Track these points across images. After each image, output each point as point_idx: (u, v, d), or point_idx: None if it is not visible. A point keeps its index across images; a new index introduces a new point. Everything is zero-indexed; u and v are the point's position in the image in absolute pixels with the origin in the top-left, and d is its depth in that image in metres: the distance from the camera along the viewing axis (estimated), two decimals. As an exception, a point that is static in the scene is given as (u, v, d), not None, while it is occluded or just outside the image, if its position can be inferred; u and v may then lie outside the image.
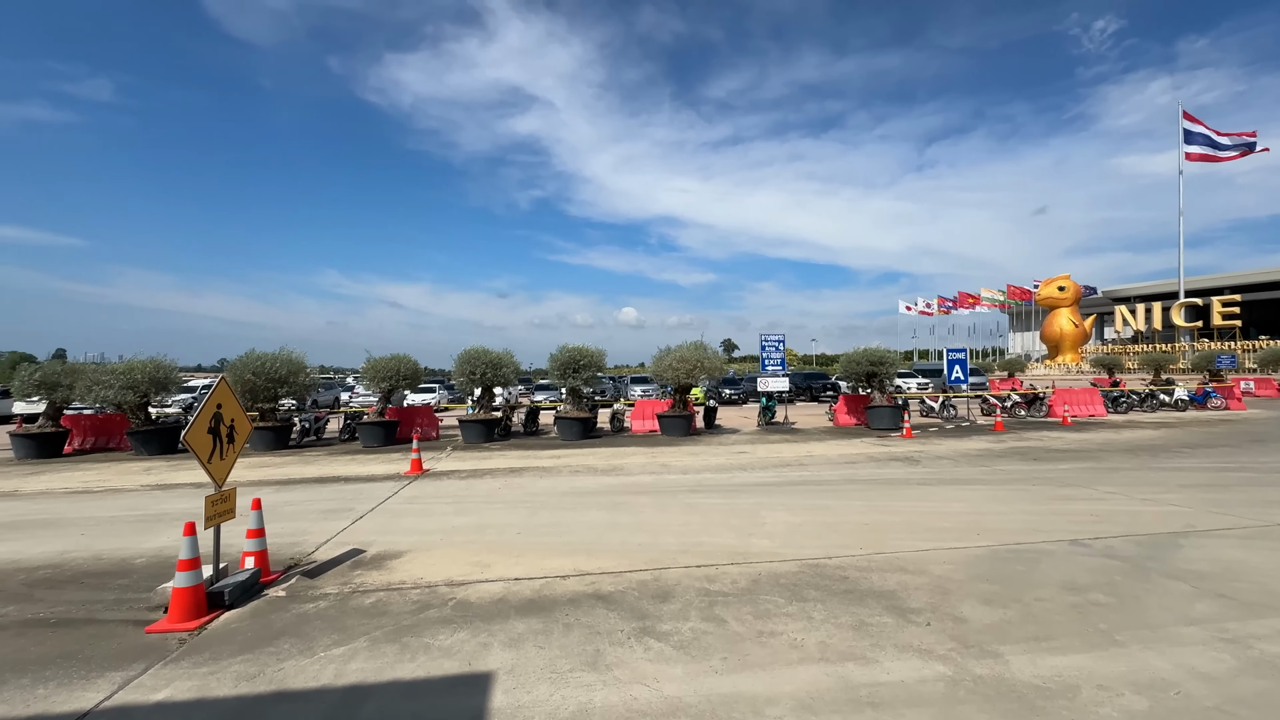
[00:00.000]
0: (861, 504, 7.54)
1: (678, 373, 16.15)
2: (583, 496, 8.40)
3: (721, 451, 12.87)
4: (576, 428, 16.03)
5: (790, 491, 8.44)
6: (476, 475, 10.40)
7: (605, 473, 10.39)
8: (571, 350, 16.43)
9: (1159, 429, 15.58)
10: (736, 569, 5.08)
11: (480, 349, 16.52)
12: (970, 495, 7.96)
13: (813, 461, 11.23)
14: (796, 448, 13.27)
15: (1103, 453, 11.66)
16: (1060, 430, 15.68)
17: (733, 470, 10.41)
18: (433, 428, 17.27)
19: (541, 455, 12.88)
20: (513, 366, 16.71)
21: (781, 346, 18.62)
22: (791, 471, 10.15)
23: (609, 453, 12.98)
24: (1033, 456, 11.31)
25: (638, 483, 9.39)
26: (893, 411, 16.98)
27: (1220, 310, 54.80)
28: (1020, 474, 9.52)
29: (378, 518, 7.36)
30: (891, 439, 14.57)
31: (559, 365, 16.36)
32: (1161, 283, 72.77)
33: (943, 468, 10.29)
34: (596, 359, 16.47)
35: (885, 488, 8.61)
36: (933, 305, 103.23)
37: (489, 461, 12.06)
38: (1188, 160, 58.33)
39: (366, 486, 9.53)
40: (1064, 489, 8.27)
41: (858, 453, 12.26)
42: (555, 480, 9.75)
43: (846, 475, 9.69)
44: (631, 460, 11.77)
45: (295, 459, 13.15)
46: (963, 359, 19.34)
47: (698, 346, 16.56)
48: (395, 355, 16.55)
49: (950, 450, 12.38)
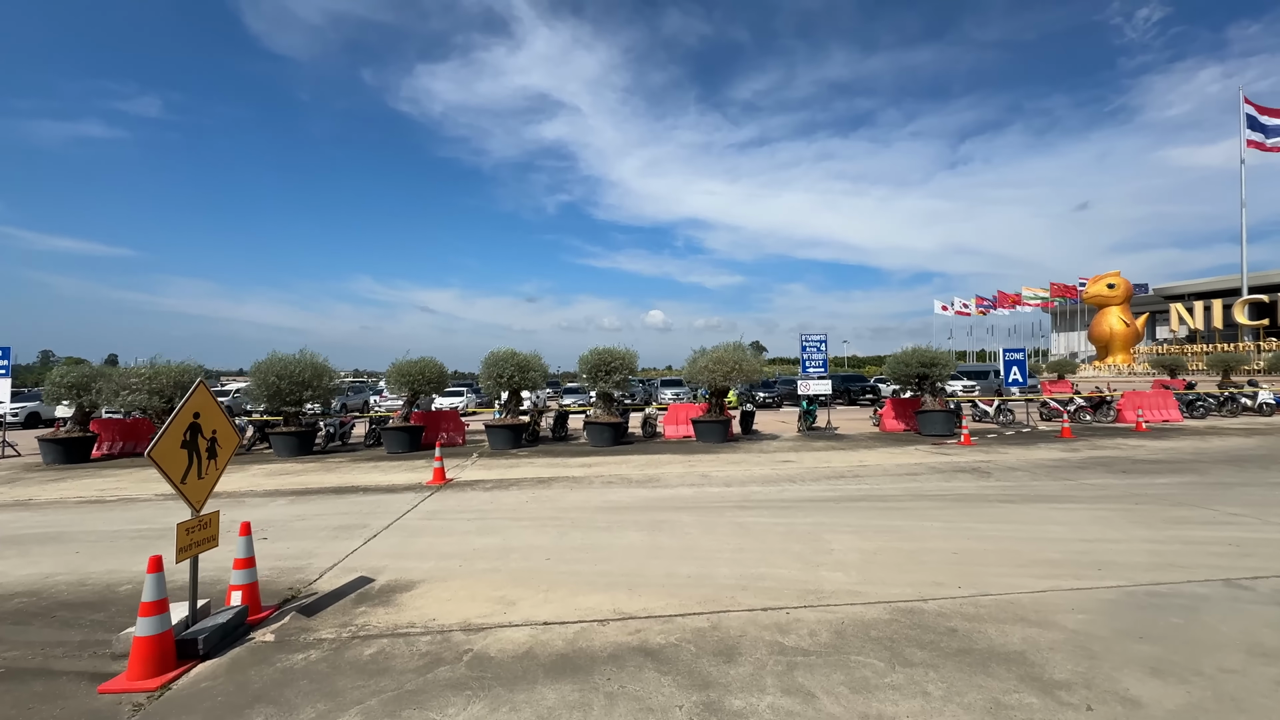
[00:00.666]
0: (940, 526, 6.52)
1: (714, 375, 15.22)
2: (618, 513, 7.56)
3: (764, 460, 11.89)
4: (607, 433, 15.22)
5: (851, 509, 7.44)
6: (502, 486, 9.66)
7: (641, 484, 9.53)
8: (601, 352, 15.65)
9: (1251, 436, 14.00)
10: (812, 615, 4.16)
11: (508, 351, 15.87)
12: (1067, 516, 6.85)
13: (868, 473, 10.18)
14: (846, 456, 12.20)
15: (1199, 464, 10.31)
16: (1137, 437, 14.22)
17: (781, 483, 9.44)
18: (459, 433, 16.69)
19: (571, 463, 12.10)
20: (541, 369, 16.01)
21: (824, 347, 17.51)
22: (847, 484, 9.14)
23: (643, 461, 12.13)
24: (1120, 468, 10.04)
25: (677, 496, 8.51)
26: (946, 417, 15.73)
27: (1290, 307, 51.12)
28: (1114, 490, 8.32)
29: (393, 536, 6.65)
30: (949, 447, 13.36)
31: (589, 368, 15.60)
32: (1219, 279, 68.59)
33: (1019, 481, 9.14)
34: (628, 361, 15.66)
35: (961, 505, 7.54)
36: (970, 305, 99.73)
37: (516, 470, 11.33)
38: (1249, 148, 54.77)
39: (385, 498, 8.87)
40: (1177, 509, 7.08)
41: (916, 462, 11.15)
42: (587, 493, 8.94)
43: (911, 489, 8.64)
44: (668, 470, 10.90)
45: (317, 465, 12.64)
46: (1021, 360, 17.92)
47: (736, 348, 15.60)
48: (420, 358, 16.03)
49: (1020, 460, 11.16)
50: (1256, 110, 53.85)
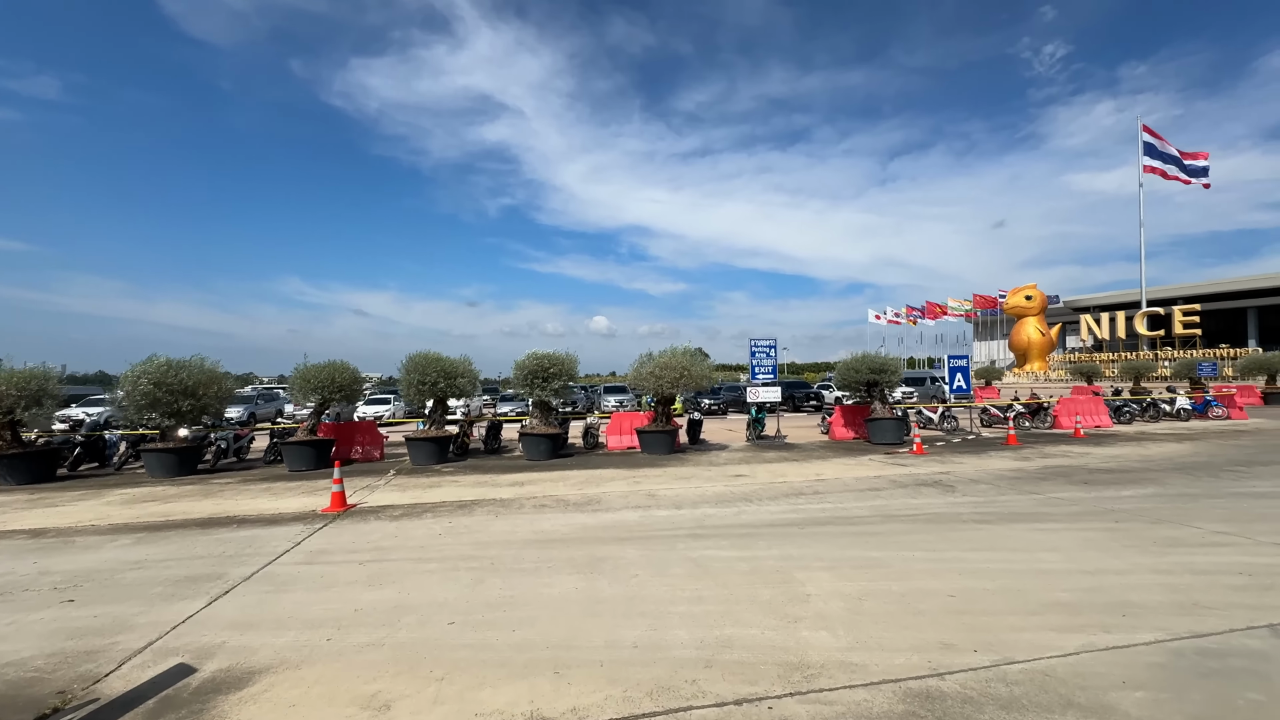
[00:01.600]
0: (924, 557, 5.65)
1: (660, 382, 14.17)
2: (550, 547, 6.29)
3: (716, 475, 10.90)
4: (544, 445, 13.86)
5: (820, 537, 6.50)
6: (414, 513, 8.16)
7: (579, 507, 8.29)
8: (539, 357, 14.30)
9: (1182, 442, 14.30)
10: (804, 710, 3.07)
11: (432, 354, 14.23)
12: (1054, 540, 6.16)
13: (827, 488, 9.36)
14: (801, 469, 11.41)
15: (1151, 472, 10.13)
16: (1080, 444, 14.25)
17: (736, 502, 8.44)
18: (376, 446, 14.85)
19: (501, 481, 10.69)
20: (470, 375, 14.47)
21: (774, 353, 16.84)
22: (808, 504, 8.24)
23: (583, 477, 10.87)
24: (1079, 479, 9.67)
25: (621, 523, 7.33)
26: (896, 424, 15.34)
27: (1181, 319, 55.87)
28: (1085, 505, 7.81)
29: (251, 592, 5.12)
30: (902, 456, 12.85)
31: (525, 374, 14.20)
32: (1120, 293, 74.62)
33: (986, 496, 8.53)
34: (568, 367, 14.37)
35: (937, 528, 6.75)
36: (901, 315, 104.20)
37: (435, 491, 9.81)
38: (1146, 173, 59.68)
39: (262, 534, 7.21)
40: (1160, 528, 6.55)
41: (874, 475, 10.46)
42: (515, 520, 7.60)
43: (878, 509, 7.83)
44: (611, 488, 9.70)
45: (195, 489, 10.65)
46: (965, 366, 17.90)
47: (684, 352, 14.63)
48: (329, 362, 14.13)
49: (979, 471, 10.68)
50: (1154, 138, 58.74)
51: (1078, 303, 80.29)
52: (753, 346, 16.74)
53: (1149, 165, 59.15)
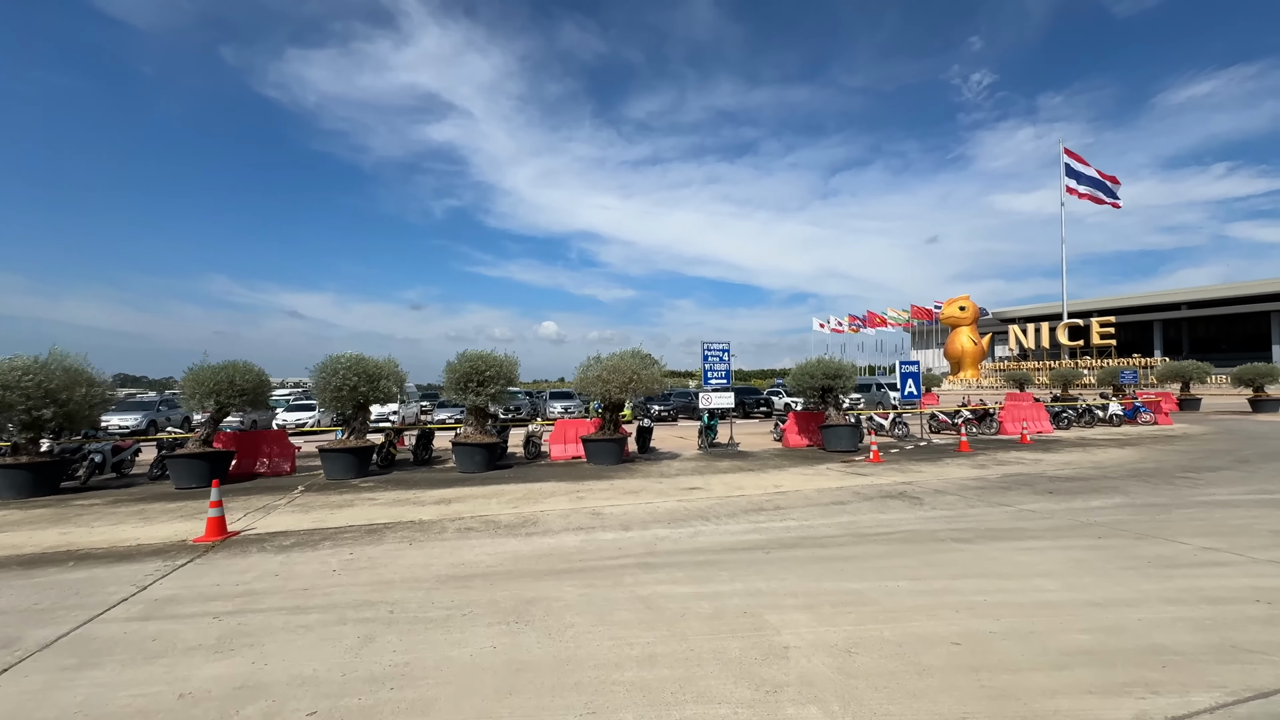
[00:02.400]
0: (910, 588, 4.86)
1: (608, 387, 13.14)
2: (468, 586, 5.14)
3: (667, 488, 9.96)
4: (479, 456, 12.56)
5: (789, 563, 5.64)
6: (310, 542, 6.79)
7: (511, 530, 7.14)
8: (473, 358, 12.99)
9: (1124, 447, 14.49)
10: None
11: (353, 356, 12.68)
12: (1042, 562, 5.53)
13: (789, 502, 8.59)
14: (759, 480, 10.63)
15: (1110, 480, 9.92)
16: (1029, 450, 14.19)
17: (691, 521, 7.51)
18: (286, 458, 13.11)
19: (426, 498, 9.37)
20: (396, 378, 12.98)
21: (727, 357, 16.14)
22: (771, 521, 7.40)
23: (519, 493, 9.70)
24: (1042, 489, 9.30)
25: (558, 550, 6.25)
26: (851, 431, 14.91)
27: (1098, 330, 59.65)
28: (1060, 519, 7.32)
29: (42, 668, 3.74)
30: (860, 464, 12.33)
31: (457, 377, 12.86)
32: (1043, 305, 79.47)
33: (955, 509, 7.95)
34: (506, 370, 13.13)
35: (915, 550, 6.03)
36: (844, 323, 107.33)
37: (344, 513, 8.41)
38: (1068, 194, 63.64)
39: (104, 574, 5.71)
40: (1145, 544, 6.06)
41: (836, 486, 9.79)
42: (432, 549, 6.39)
43: (847, 527, 7.07)
44: (550, 506, 8.58)
45: (48, 513, 8.80)
46: (916, 372, 17.78)
47: (634, 356, 13.67)
48: (229, 362, 12.33)
49: (941, 480, 10.21)
50: (1075, 160, 62.70)
51: (1005, 314, 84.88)
52: (705, 350, 15.99)
53: (1070, 186, 63.09)
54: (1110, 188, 62.99)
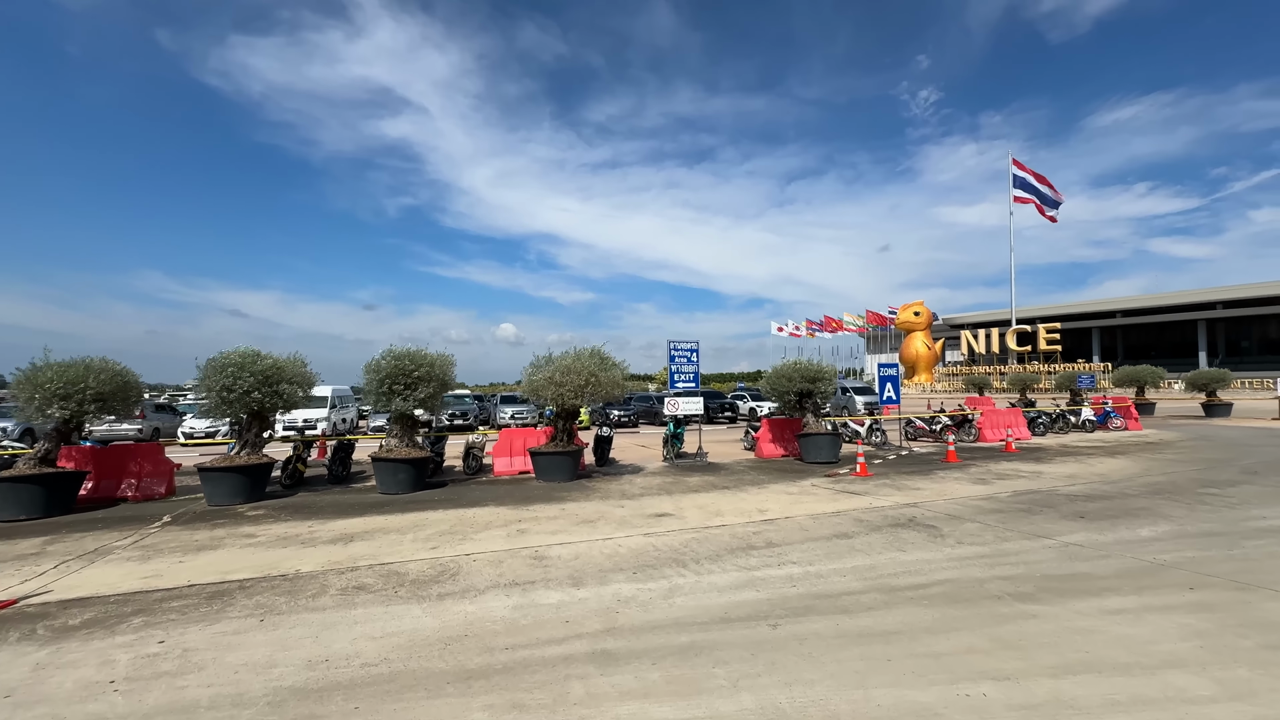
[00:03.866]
0: (1000, 694, 3.23)
1: (562, 391, 11.25)
2: (323, 701, 3.21)
3: (631, 515, 8.16)
4: (404, 475, 10.45)
5: (810, 647, 3.93)
6: (110, 620, 4.65)
7: (418, 589, 5.19)
8: (400, 356, 10.87)
9: (1115, 456, 13.58)
10: None
11: (245, 351, 10.36)
12: (1151, 637, 4.02)
13: (782, 536, 6.92)
14: (738, 501, 8.96)
15: (1132, 499, 8.72)
16: (1020, 460, 13.09)
17: (664, 567, 5.73)
18: (160, 478, 10.64)
19: (321, 534, 7.27)
20: (302, 380, 10.73)
21: (695, 358, 14.49)
22: (766, 566, 5.71)
23: (446, 523, 7.71)
24: (1069, 511, 7.98)
25: (478, 627, 4.36)
26: (832, 440, 13.48)
27: (1045, 336, 61.42)
28: (1122, 558, 5.91)
29: None
30: (847, 479, 10.86)
31: (380, 379, 10.72)
32: (991, 312, 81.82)
33: (986, 543, 6.46)
34: (440, 370, 11.06)
35: (969, 616, 4.43)
36: (801, 328, 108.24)
37: (197, 561, 6.24)
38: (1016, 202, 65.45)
39: None
40: (1259, 599, 4.66)
41: (832, 511, 8.21)
42: (290, 629, 4.38)
43: (865, 575, 5.44)
44: (480, 546, 6.64)
45: None
46: (895, 375, 16.63)
47: (592, 356, 11.81)
48: (82, 359, 9.83)
49: (948, 501, 8.78)
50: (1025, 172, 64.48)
51: (954, 320, 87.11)
52: (672, 349, 14.29)
53: (1018, 195, 64.89)
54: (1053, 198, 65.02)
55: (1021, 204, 64.81)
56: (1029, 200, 64.28)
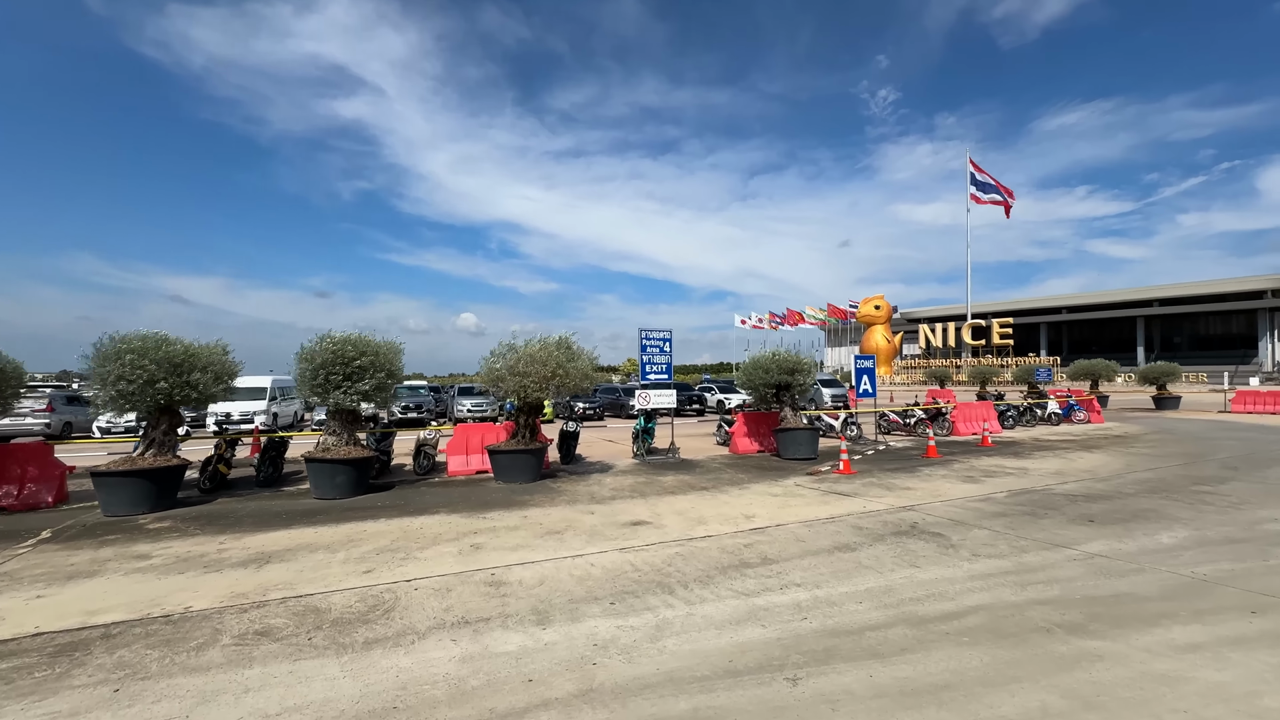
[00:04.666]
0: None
1: (525, 382, 10.17)
2: None
3: (602, 523, 7.19)
4: (343, 477, 9.20)
5: (846, 713, 3.07)
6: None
7: (340, 634, 4.10)
8: (339, 343, 9.56)
9: (1092, 450, 13.40)
10: None
11: (149, 335, 8.87)
12: (1253, 686, 3.32)
13: (777, 549, 6.09)
14: (720, 505, 8.11)
15: (1129, 497, 8.30)
16: (1000, 455, 12.73)
17: (648, 595, 4.80)
18: (47, 484, 9.07)
19: (230, 554, 6.04)
20: (221, 370, 9.30)
21: (668, 347, 13.59)
22: (768, 591, 4.84)
23: (388, 537, 6.57)
24: (1074, 514, 7.44)
25: (412, 691, 3.32)
26: (811, 435, 12.83)
27: (998, 331, 63.25)
28: (1158, 571, 5.30)
29: None
30: (830, 477, 10.18)
31: (314, 369, 9.40)
32: (947, 307, 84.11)
33: (1002, 554, 5.79)
34: (385, 359, 9.80)
35: (1026, 659, 3.67)
36: (764, 320, 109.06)
37: (62, 594, 4.95)
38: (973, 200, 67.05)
39: None
40: (1325, 623, 4.06)
41: (825, 516, 7.45)
42: (151, 710, 3.24)
43: (882, 599, 4.65)
44: (424, 569, 5.55)
45: None
46: (871, 368, 16.12)
47: (559, 344, 10.74)
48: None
49: (944, 503, 8.16)
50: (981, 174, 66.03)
51: (911, 314, 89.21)
52: (644, 338, 13.35)
53: (974, 194, 66.47)
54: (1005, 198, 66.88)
55: (977, 203, 66.47)
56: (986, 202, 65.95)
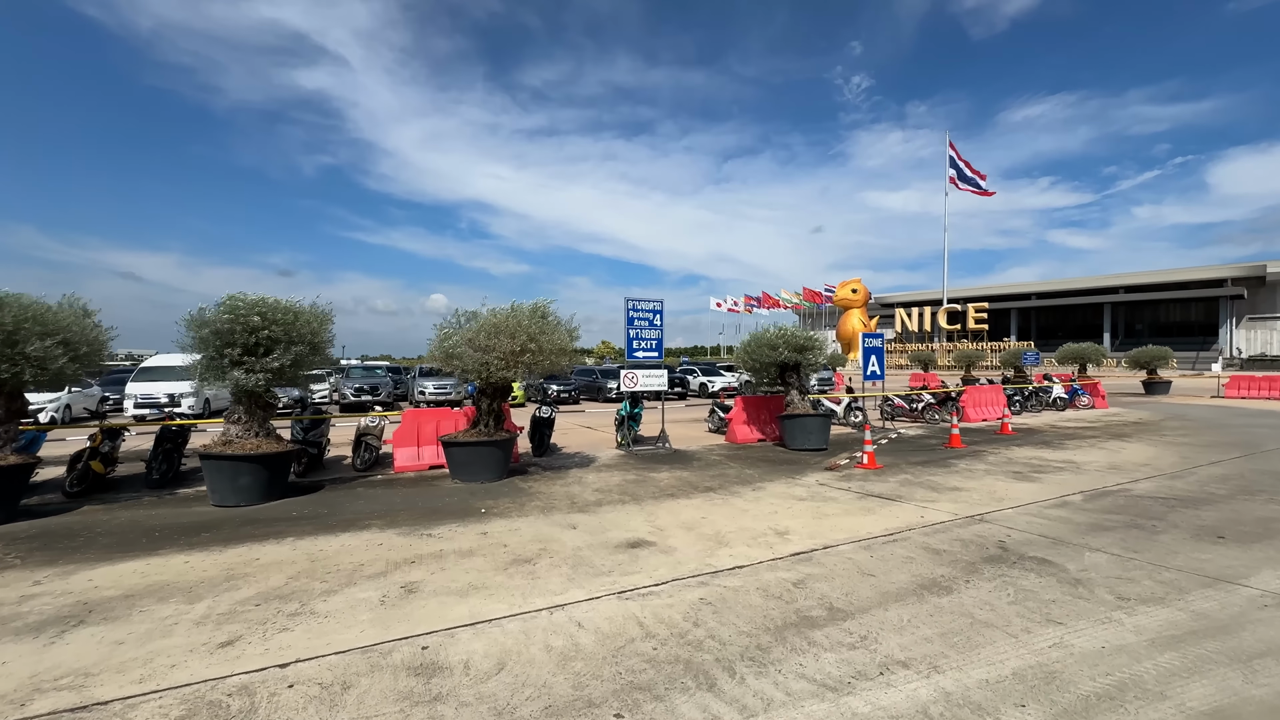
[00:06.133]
0: None
1: (487, 359, 8.16)
2: None
3: (588, 543, 5.32)
4: (251, 478, 7.11)
5: None
6: None
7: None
8: (242, 307, 7.34)
9: (1123, 440, 12.08)
10: None
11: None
12: None
13: (846, 595, 4.32)
14: (740, 516, 6.32)
15: (1233, 500, 6.83)
16: (1032, 446, 11.29)
17: (670, 693, 2.94)
18: None
19: (35, 607, 3.95)
20: (85, 339, 7.05)
21: (659, 320, 11.68)
22: (865, 682, 3.05)
23: (280, 575, 4.56)
24: (1197, 527, 5.89)
25: None
26: (822, 423, 11.17)
27: (974, 315, 63.25)
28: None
29: None
30: (858, 476, 8.52)
31: (209, 338, 7.20)
32: (922, 292, 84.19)
33: (1165, 600, 4.14)
34: (305, 327, 7.65)
35: None
36: (739, 304, 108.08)
37: None
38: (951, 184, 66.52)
39: None
40: None
41: (879, 532, 5.73)
42: None
43: (1039, 683, 2.91)
44: (318, 640, 3.57)
45: None
46: (879, 348, 14.53)
47: (532, 312, 8.73)
48: None
49: (1016, 511, 6.53)
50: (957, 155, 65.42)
51: (885, 299, 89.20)
52: (630, 309, 11.40)
53: (953, 177, 65.93)
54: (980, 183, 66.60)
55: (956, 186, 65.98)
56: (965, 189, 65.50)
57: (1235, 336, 60.21)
